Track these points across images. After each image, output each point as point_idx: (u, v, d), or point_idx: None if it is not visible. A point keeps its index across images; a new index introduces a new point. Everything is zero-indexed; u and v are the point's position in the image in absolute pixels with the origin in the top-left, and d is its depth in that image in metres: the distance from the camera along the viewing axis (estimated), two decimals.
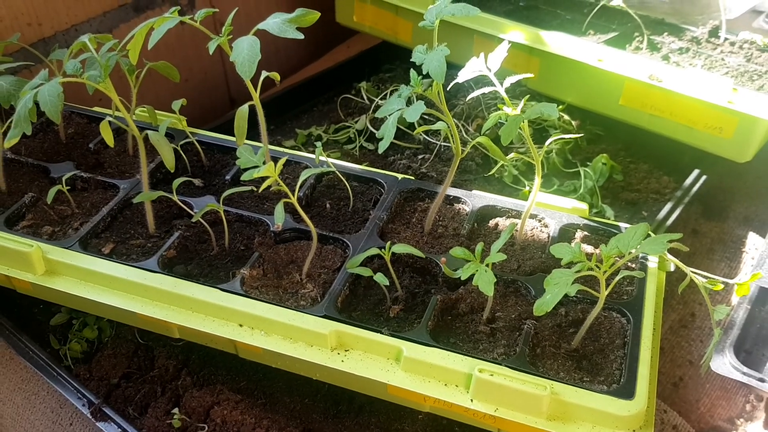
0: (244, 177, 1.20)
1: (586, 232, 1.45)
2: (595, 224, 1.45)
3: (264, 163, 1.23)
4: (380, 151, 1.21)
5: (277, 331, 1.23)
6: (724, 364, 1.23)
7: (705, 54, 1.95)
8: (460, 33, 2.12)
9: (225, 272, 1.34)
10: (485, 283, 1.10)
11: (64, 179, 1.45)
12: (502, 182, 1.94)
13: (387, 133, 1.21)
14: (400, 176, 1.55)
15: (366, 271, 1.24)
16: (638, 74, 1.88)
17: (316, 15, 1.19)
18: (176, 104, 1.57)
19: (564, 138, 2.02)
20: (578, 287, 1.06)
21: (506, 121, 1.26)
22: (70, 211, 1.46)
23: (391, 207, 1.47)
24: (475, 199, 1.50)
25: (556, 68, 2.08)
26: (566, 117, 2.09)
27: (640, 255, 1.37)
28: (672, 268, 1.37)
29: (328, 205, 1.50)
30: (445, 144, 2.03)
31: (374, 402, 1.37)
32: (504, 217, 1.49)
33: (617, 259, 1.05)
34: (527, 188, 1.87)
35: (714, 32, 2.04)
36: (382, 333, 1.20)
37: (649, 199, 1.97)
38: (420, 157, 1.97)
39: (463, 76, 1.30)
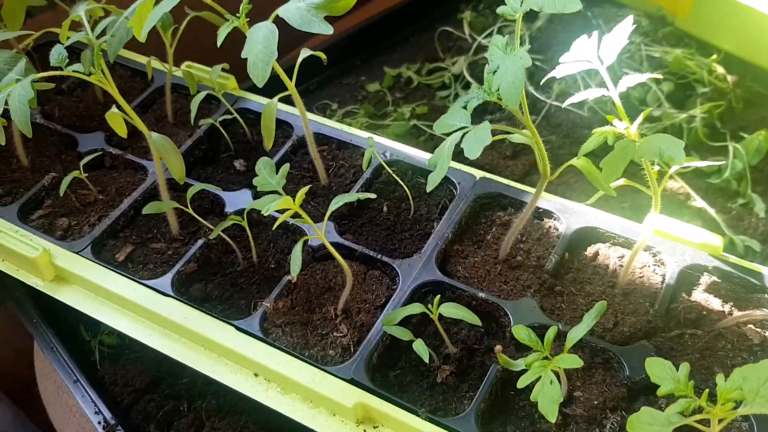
0: (263, 209, 0.94)
1: (715, 278, 1.09)
2: (729, 268, 1.08)
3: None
4: (428, 189, 0.91)
5: (296, 390, 1.02)
6: None
7: None
8: None
9: (248, 299, 1.12)
10: (548, 403, 0.80)
11: (84, 162, 1.24)
12: None
13: (440, 164, 0.90)
14: (478, 174, 1.23)
15: (405, 334, 0.98)
16: None
17: (351, 1, 0.87)
18: (216, 69, 1.31)
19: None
20: (678, 423, 0.74)
21: (613, 145, 0.92)
22: (92, 197, 1.28)
23: (461, 219, 1.17)
24: (571, 216, 1.16)
25: (714, 5, 1.63)
26: (720, 70, 1.64)
27: None
28: None
29: (385, 209, 1.22)
30: (556, 104, 1.65)
31: None
32: (608, 244, 1.15)
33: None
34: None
35: None
36: (418, 415, 0.95)
37: None
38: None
39: (561, 70, 0.95)
